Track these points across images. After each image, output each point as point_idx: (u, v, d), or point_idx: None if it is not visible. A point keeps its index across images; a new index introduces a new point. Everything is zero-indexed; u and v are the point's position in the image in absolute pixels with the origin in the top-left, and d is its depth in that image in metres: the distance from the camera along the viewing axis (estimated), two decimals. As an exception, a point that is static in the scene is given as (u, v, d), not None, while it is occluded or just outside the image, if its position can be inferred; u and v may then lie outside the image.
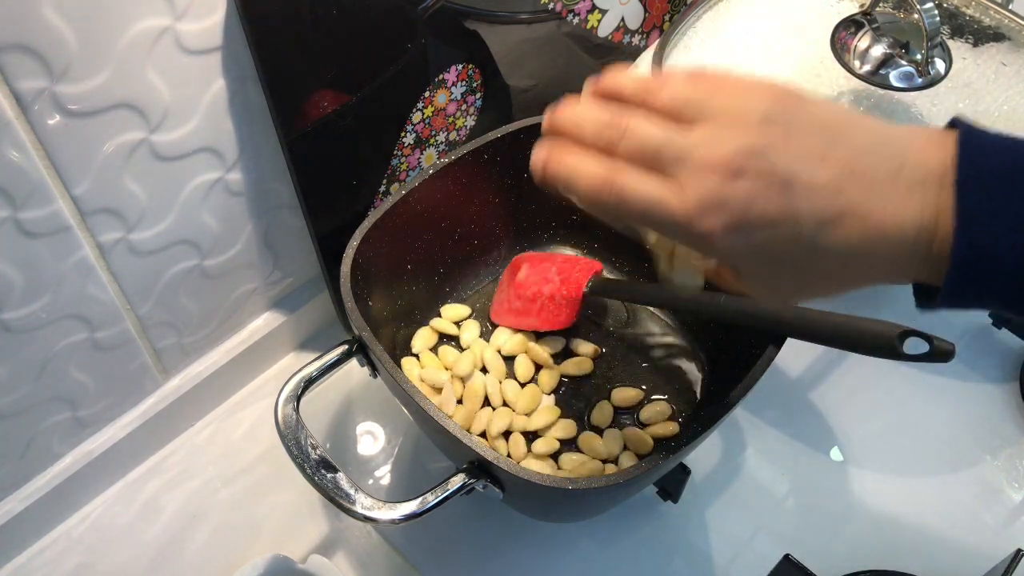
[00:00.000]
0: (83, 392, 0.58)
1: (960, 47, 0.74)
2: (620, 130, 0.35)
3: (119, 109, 0.48)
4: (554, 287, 0.57)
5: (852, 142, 0.33)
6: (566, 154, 0.36)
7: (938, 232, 0.32)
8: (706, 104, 0.34)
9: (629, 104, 0.36)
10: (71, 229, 0.50)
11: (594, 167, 0.35)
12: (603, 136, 0.35)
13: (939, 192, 0.32)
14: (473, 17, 0.63)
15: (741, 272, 0.36)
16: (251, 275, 0.65)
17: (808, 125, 0.34)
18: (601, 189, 0.35)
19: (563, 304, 0.57)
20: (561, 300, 0.57)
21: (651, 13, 0.79)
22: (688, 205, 0.33)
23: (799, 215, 0.33)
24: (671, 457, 0.48)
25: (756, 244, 0.33)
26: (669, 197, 0.33)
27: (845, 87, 0.70)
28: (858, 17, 0.70)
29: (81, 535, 0.62)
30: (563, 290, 0.57)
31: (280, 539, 0.62)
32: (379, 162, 0.64)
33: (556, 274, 0.58)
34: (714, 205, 0.33)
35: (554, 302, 0.57)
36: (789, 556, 0.60)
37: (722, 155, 0.32)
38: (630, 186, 0.34)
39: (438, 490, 0.47)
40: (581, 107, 0.37)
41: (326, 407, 0.69)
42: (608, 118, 0.35)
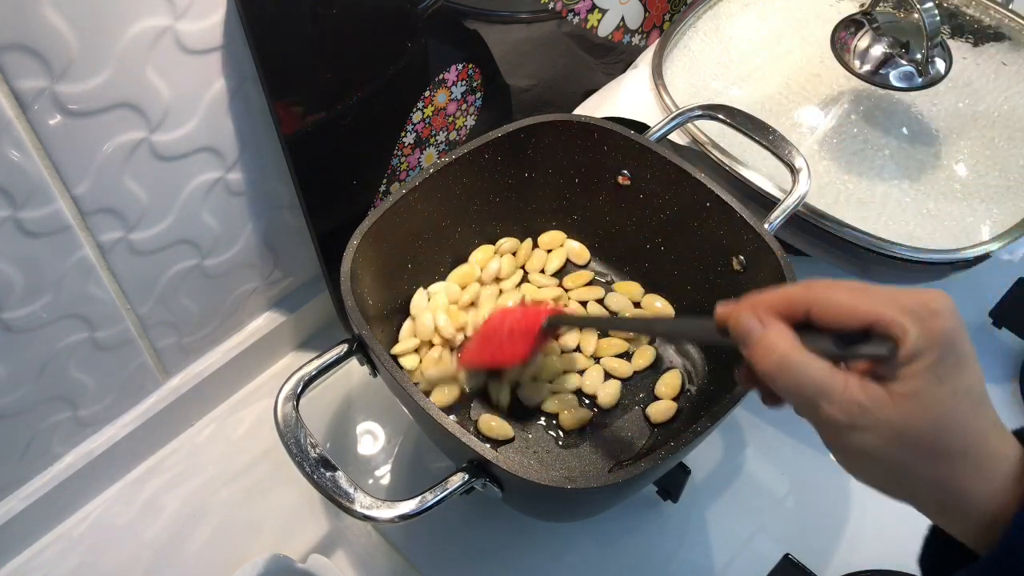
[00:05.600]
0: (83, 392, 0.58)
1: (960, 47, 0.74)
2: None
3: (119, 109, 0.48)
4: (514, 321, 0.57)
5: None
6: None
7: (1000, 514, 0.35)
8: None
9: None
10: (71, 229, 0.50)
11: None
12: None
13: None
14: (473, 17, 0.63)
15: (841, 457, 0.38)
16: (251, 275, 0.65)
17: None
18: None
19: (519, 337, 0.56)
20: (518, 335, 0.56)
21: (651, 13, 0.79)
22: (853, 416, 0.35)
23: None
24: (671, 457, 0.48)
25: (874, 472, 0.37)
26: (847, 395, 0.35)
27: (845, 87, 0.70)
28: (858, 17, 0.70)
29: (81, 535, 0.62)
30: (521, 324, 0.57)
31: (280, 539, 0.62)
32: (379, 162, 0.64)
33: (519, 313, 0.58)
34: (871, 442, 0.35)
35: (512, 337, 0.57)
36: (789, 556, 0.60)
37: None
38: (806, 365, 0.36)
39: (437, 489, 0.47)
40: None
41: (326, 406, 0.69)
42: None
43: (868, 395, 0.34)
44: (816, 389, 0.35)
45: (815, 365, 0.35)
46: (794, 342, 0.36)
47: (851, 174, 0.67)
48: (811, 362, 0.35)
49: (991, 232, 0.64)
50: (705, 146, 0.67)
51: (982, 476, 0.35)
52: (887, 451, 0.35)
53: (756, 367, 0.37)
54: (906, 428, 0.34)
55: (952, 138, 0.69)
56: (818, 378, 0.35)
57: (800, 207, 0.60)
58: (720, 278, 0.62)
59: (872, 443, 0.35)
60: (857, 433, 0.35)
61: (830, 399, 0.35)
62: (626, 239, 0.68)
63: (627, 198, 0.66)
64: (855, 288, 0.36)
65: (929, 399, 0.34)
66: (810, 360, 0.35)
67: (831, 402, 0.35)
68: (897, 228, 0.64)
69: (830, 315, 0.36)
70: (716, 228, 0.60)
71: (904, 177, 0.67)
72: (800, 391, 0.36)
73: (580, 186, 0.67)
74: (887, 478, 0.36)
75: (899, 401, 0.34)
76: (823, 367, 0.35)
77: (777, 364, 0.36)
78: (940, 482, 0.35)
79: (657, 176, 0.63)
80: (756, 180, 0.65)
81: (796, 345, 0.36)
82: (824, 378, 0.35)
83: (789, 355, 0.36)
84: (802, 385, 0.35)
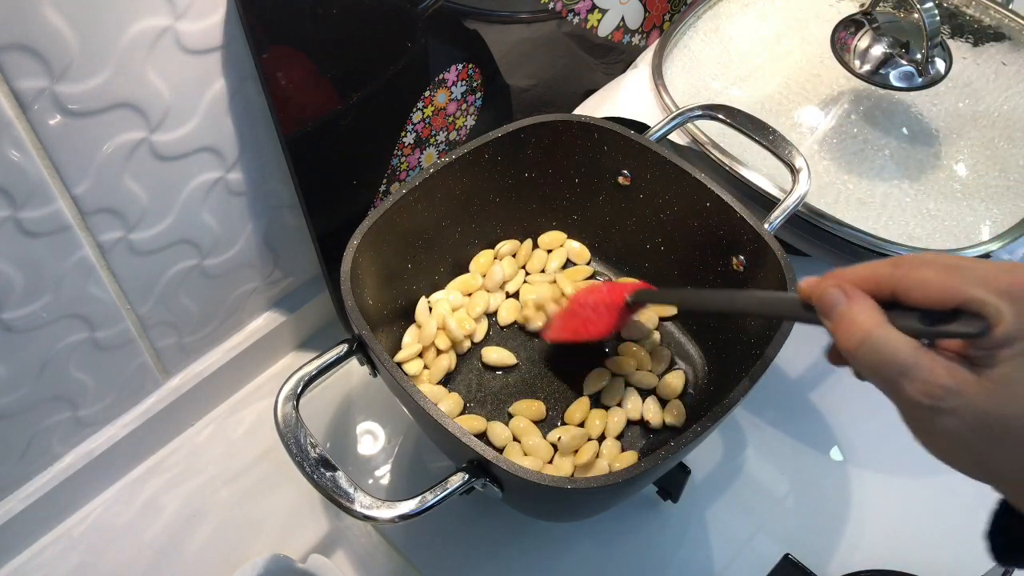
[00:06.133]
0: (83, 392, 0.58)
1: (960, 47, 0.74)
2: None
3: (119, 109, 0.48)
4: (599, 296, 0.59)
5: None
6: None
7: None
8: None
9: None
10: (71, 229, 0.50)
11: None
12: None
13: None
14: (473, 17, 0.63)
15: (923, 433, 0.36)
16: (251, 275, 0.65)
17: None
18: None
19: (604, 313, 0.58)
20: (603, 308, 0.58)
21: (651, 13, 0.79)
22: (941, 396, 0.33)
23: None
24: (671, 457, 0.48)
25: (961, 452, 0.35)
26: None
27: (845, 87, 0.70)
28: (858, 17, 0.70)
29: (81, 535, 0.62)
30: (607, 299, 0.58)
31: (280, 539, 0.62)
32: (379, 162, 0.64)
33: (605, 288, 0.60)
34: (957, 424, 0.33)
35: (597, 311, 0.58)
36: (789, 556, 0.60)
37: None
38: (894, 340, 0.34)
39: (437, 489, 0.47)
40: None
41: (326, 406, 0.69)
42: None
43: (954, 377, 0.33)
44: (899, 368, 0.34)
45: (900, 343, 0.34)
46: (880, 317, 0.35)
47: (851, 174, 0.67)
48: (896, 339, 0.34)
49: (991, 232, 0.64)
50: (705, 146, 0.67)
51: None
52: (971, 435, 0.33)
53: (839, 342, 0.36)
54: (993, 414, 0.32)
55: (952, 138, 0.69)
56: (902, 356, 0.34)
57: (800, 207, 0.60)
58: (720, 278, 0.62)
59: (956, 427, 0.33)
60: (941, 416, 0.33)
61: (913, 379, 0.33)
62: (626, 239, 0.68)
63: (627, 198, 0.66)
64: (946, 265, 0.34)
65: (1021, 386, 0.32)
66: (895, 337, 0.34)
67: (914, 382, 0.33)
68: (897, 228, 0.64)
69: (919, 293, 0.34)
70: (716, 228, 0.60)
71: (904, 177, 0.67)
72: (883, 369, 0.34)
73: (580, 186, 0.67)
74: (970, 461, 0.35)
75: (987, 385, 0.33)
76: (908, 345, 0.34)
77: (860, 340, 0.35)
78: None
79: (657, 176, 0.63)
80: (756, 180, 0.65)
81: (881, 320, 0.35)
82: (908, 357, 0.34)
83: (873, 331, 0.34)
84: (885, 363, 0.34)
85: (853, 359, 0.35)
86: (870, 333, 0.35)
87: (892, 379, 0.34)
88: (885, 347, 0.34)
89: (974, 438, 0.33)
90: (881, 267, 0.36)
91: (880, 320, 0.35)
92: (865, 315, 0.35)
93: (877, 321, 0.35)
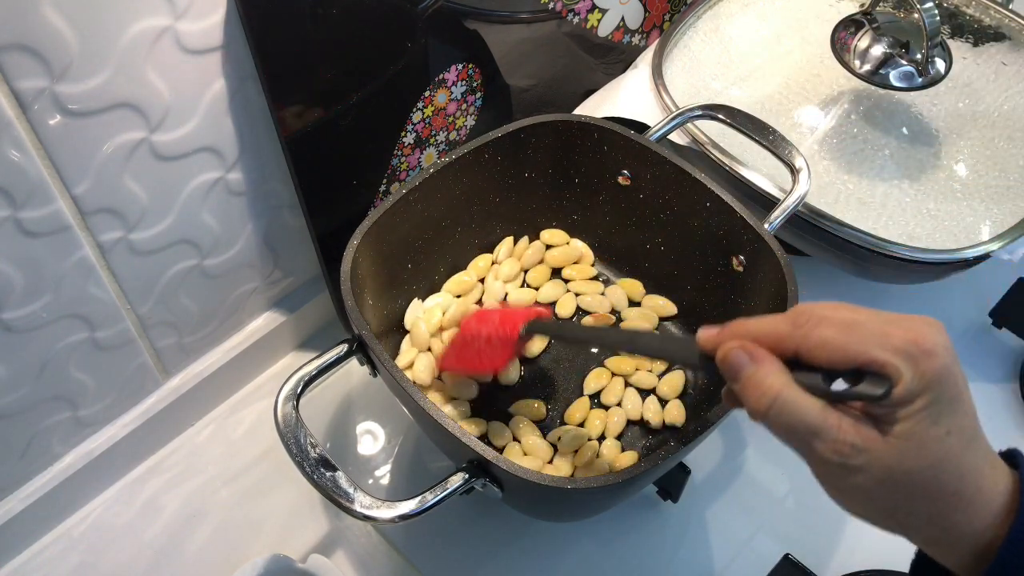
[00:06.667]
0: (83, 392, 0.58)
1: (960, 47, 0.74)
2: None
3: (119, 109, 0.48)
4: (491, 329, 0.56)
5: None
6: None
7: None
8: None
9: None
10: (71, 229, 0.50)
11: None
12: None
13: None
14: (473, 17, 0.63)
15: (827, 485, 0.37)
16: (251, 275, 0.65)
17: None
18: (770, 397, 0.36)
19: (497, 346, 0.56)
20: (496, 342, 0.56)
21: (651, 13, 0.79)
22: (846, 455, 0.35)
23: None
24: (671, 457, 0.48)
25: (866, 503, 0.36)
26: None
27: (845, 87, 0.70)
28: (858, 17, 0.70)
29: (81, 535, 0.62)
30: (499, 331, 0.56)
31: (280, 539, 0.62)
32: (379, 162, 0.64)
33: (497, 318, 0.57)
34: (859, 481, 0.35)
35: (490, 344, 0.56)
36: (789, 556, 0.60)
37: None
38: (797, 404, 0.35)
39: (437, 489, 0.47)
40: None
41: (326, 406, 0.69)
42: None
43: (861, 436, 0.34)
44: (809, 429, 0.35)
45: (808, 404, 0.35)
46: (786, 378, 0.36)
47: (851, 174, 0.67)
48: (804, 401, 0.35)
49: (991, 232, 0.64)
50: (705, 146, 0.67)
51: (973, 512, 0.34)
52: (879, 490, 0.35)
53: (747, 404, 0.36)
54: (899, 469, 0.34)
55: (952, 138, 0.69)
56: (810, 417, 0.35)
57: (800, 207, 0.60)
58: (720, 278, 0.62)
59: (865, 482, 0.34)
60: (850, 473, 0.35)
61: (824, 439, 0.35)
62: (626, 239, 0.68)
63: (627, 198, 0.66)
64: (845, 323, 0.35)
65: (923, 441, 0.34)
66: (803, 398, 0.35)
67: (824, 441, 0.35)
68: (897, 228, 0.64)
69: (821, 353, 0.35)
70: (716, 228, 0.60)
71: (904, 177, 0.67)
72: (793, 431, 0.35)
73: (580, 186, 0.67)
74: (879, 514, 0.36)
75: (892, 442, 0.34)
76: (816, 406, 0.35)
77: (769, 403, 0.35)
78: (932, 519, 0.35)
79: (657, 176, 0.63)
80: (756, 180, 0.65)
81: (788, 382, 0.35)
82: (817, 418, 0.35)
83: (781, 393, 0.35)
84: (795, 425, 0.35)
85: (764, 421, 0.36)
86: (778, 396, 0.35)
87: (803, 440, 0.35)
88: (794, 409, 0.35)
89: (882, 492, 0.35)
90: (781, 325, 0.37)
91: (787, 381, 0.35)
92: (772, 378, 0.36)
93: (784, 382, 0.35)
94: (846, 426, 0.34)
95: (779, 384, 0.35)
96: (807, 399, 0.35)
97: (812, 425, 0.35)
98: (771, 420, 0.36)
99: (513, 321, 0.54)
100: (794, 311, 0.37)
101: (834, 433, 0.34)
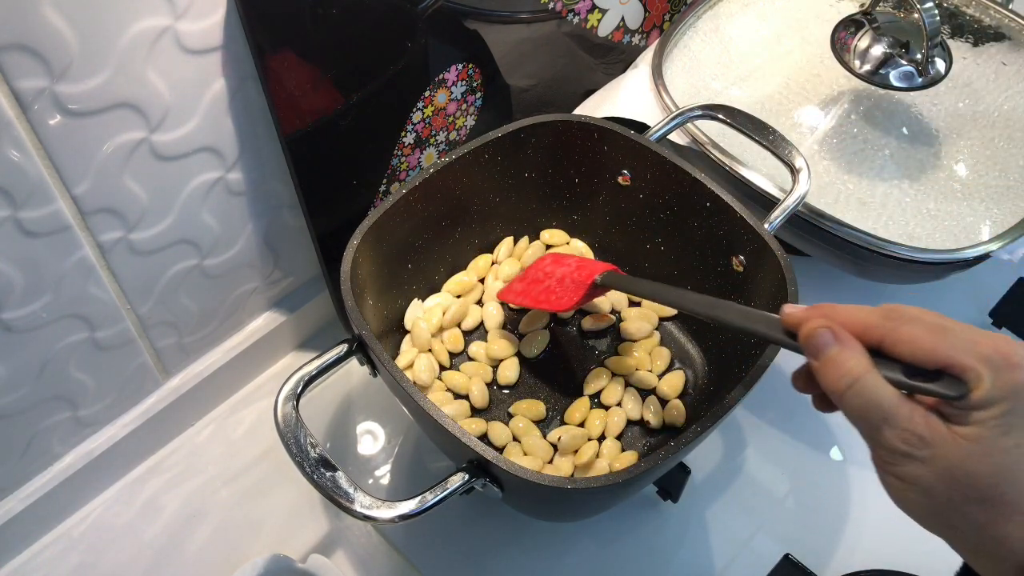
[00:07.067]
0: (83, 392, 0.58)
1: (960, 47, 0.74)
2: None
3: (119, 109, 0.48)
4: (567, 271, 0.57)
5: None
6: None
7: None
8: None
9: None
10: (71, 229, 0.50)
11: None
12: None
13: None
14: (473, 17, 0.63)
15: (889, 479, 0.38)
16: (251, 275, 0.65)
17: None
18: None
19: (570, 287, 0.56)
20: (569, 283, 0.56)
21: (651, 13, 0.79)
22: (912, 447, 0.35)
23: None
24: (671, 457, 0.48)
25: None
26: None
27: (845, 87, 0.70)
28: (858, 17, 0.70)
29: (81, 535, 0.62)
30: (575, 274, 0.56)
31: (280, 539, 0.62)
32: (379, 162, 0.64)
33: (574, 263, 0.58)
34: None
35: (562, 284, 0.57)
36: (789, 556, 0.60)
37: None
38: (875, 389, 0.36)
39: (437, 489, 0.47)
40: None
41: (326, 406, 0.69)
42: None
43: (930, 429, 0.35)
44: (881, 414, 0.36)
45: (885, 390, 0.36)
46: (868, 364, 0.37)
47: (851, 174, 0.67)
48: (882, 387, 0.36)
49: (991, 232, 0.64)
50: (705, 146, 0.67)
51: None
52: (938, 487, 0.35)
53: (825, 382, 0.37)
54: (961, 469, 0.35)
55: (952, 138, 0.69)
56: (886, 403, 0.36)
57: (800, 207, 0.60)
58: (720, 278, 0.62)
59: (924, 476, 0.35)
60: (912, 463, 0.35)
61: (894, 426, 0.35)
62: (626, 239, 0.68)
63: (627, 198, 0.66)
64: (935, 325, 0.36)
65: (991, 447, 0.34)
66: (882, 384, 0.36)
67: (894, 428, 0.35)
68: (897, 228, 0.64)
69: (906, 348, 0.36)
70: (716, 228, 0.60)
71: (904, 177, 0.67)
72: (868, 414, 0.36)
73: (580, 186, 0.67)
74: (930, 512, 0.37)
75: (960, 442, 0.35)
76: (892, 393, 0.36)
77: (849, 384, 0.36)
78: (983, 527, 0.35)
79: (657, 176, 0.63)
80: (756, 180, 0.65)
81: (870, 367, 0.36)
82: (891, 404, 0.36)
83: (864, 377, 0.36)
84: (870, 408, 0.36)
85: (839, 400, 0.37)
86: (859, 379, 0.36)
87: (875, 424, 0.36)
88: (872, 394, 0.36)
89: (940, 489, 0.35)
90: (871, 315, 0.38)
91: (869, 367, 0.37)
92: (855, 360, 0.37)
93: (866, 367, 0.37)
94: (917, 417, 0.35)
95: (862, 367, 0.37)
96: (885, 385, 0.36)
97: (886, 410, 0.36)
98: (847, 400, 0.37)
99: (591, 268, 0.56)
100: (885, 306, 0.38)
101: (905, 422, 0.35)
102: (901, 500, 0.37)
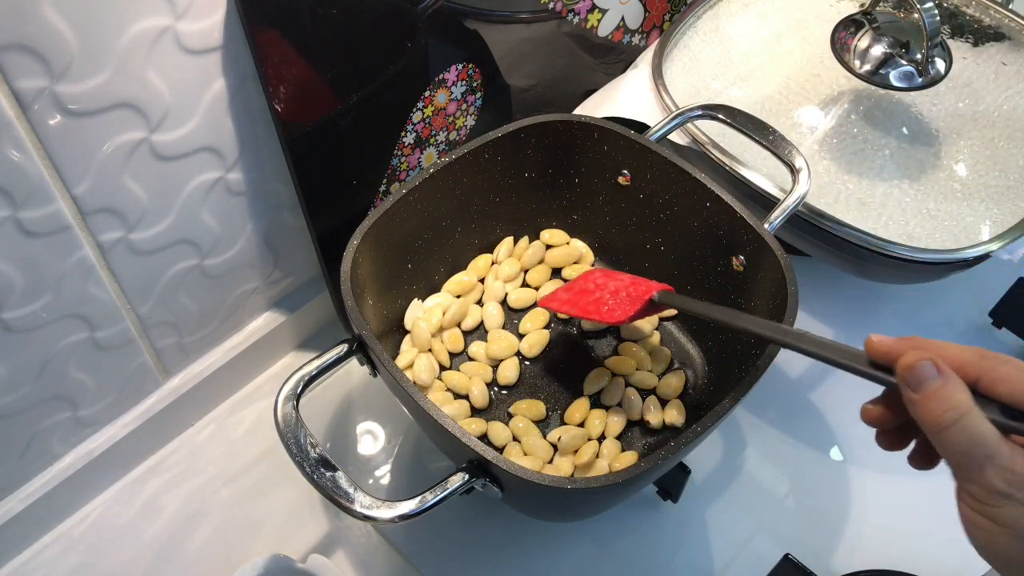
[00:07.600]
0: (83, 392, 0.58)
1: (960, 47, 0.74)
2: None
3: (119, 109, 0.48)
4: (621, 285, 0.57)
5: None
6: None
7: None
8: None
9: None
10: (71, 229, 0.50)
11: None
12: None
13: None
14: (473, 17, 0.63)
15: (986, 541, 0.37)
16: (251, 275, 0.65)
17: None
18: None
19: (625, 300, 0.55)
20: (625, 296, 0.56)
21: (651, 13, 0.79)
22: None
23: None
24: (671, 457, 0.48)
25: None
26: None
27: (845, 87, 0.70)
28: (858, 17, 0.70)
29: (81, 535, 0.62)
30: (630, 289, 0.56)
31: (280, 539, 0.62)
32: (379, 162, 0.64)
33: (627, 279, 0.57)
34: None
35: (616, 297, 0.56)
36: (789, 556, 0.60)
37: None
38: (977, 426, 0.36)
39: (437, 489, 0.47)
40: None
41: (326, 406, 0.69)
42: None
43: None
44: (986, 452, 0.35)
45: (989, 428, 0.35)
46: (972, 401, 0.36)
47: (851, 174, 0.67)
48: (986, 425, 0.35)
49: (991, 232, 0.64)
50: (705, 146, 0.67)
51: None
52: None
53: (926, 416, 0.36)
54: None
55: (952, 138, 0.69)
56: (991, 442, 0.35)
57: (800, 207, 0.60)
58: (720, 278, 0.62)
59: (1021, 517, 0.34)
60: (1012, 505, 0.35)
61: (996, 464, 0.35)
62: (626, 239, 0.68)
63: (627, 198, 0.66)
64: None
65: None
66: (986, 422, 0.35)
67: (996, 468, 0.35)
68: (897, 228, 0.64)
69: (1004, 387, 0.36)
70: (716, 228, 0.60)
71: (904, 177, 0.67)
72: (969, 451, 0.35)
73: (580, 186, 0.67)
74: (1017, 558, 0.36)
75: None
76: (996, 432, 0.35)
77: (954, 420, 0.36)
78: None
79: (657, 176, 0.63)
80: (756, 180, 0.65)
81: (973, 405, 0.36)
82: (996, 443, 0.35)
83: (971, 413, 0.35)
84: (973, 446, 0.35)
85: (939, 435, 0.36)
86: (967, 414, 0.36)
87: (977, 461, 0.35)
88: (977, 431, 0.35)
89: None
90: (965, 352, 0.37)
91: (972, 404, 0.36)
92: (961, 395, 0.36)
93: (971, 404, 0.36)
94: (1019, 458, 0.35)
95: (968, 403, 0.36)
96: (988, 423, 0.35)
97: (990, 449, 0.35)
98: (951, 434, 0.36)
99: (647, 286, 0.56)
100: (978, 348, 0.38)
101: (1007, 461, 0.35)
102: (989, 544, 0.36)
